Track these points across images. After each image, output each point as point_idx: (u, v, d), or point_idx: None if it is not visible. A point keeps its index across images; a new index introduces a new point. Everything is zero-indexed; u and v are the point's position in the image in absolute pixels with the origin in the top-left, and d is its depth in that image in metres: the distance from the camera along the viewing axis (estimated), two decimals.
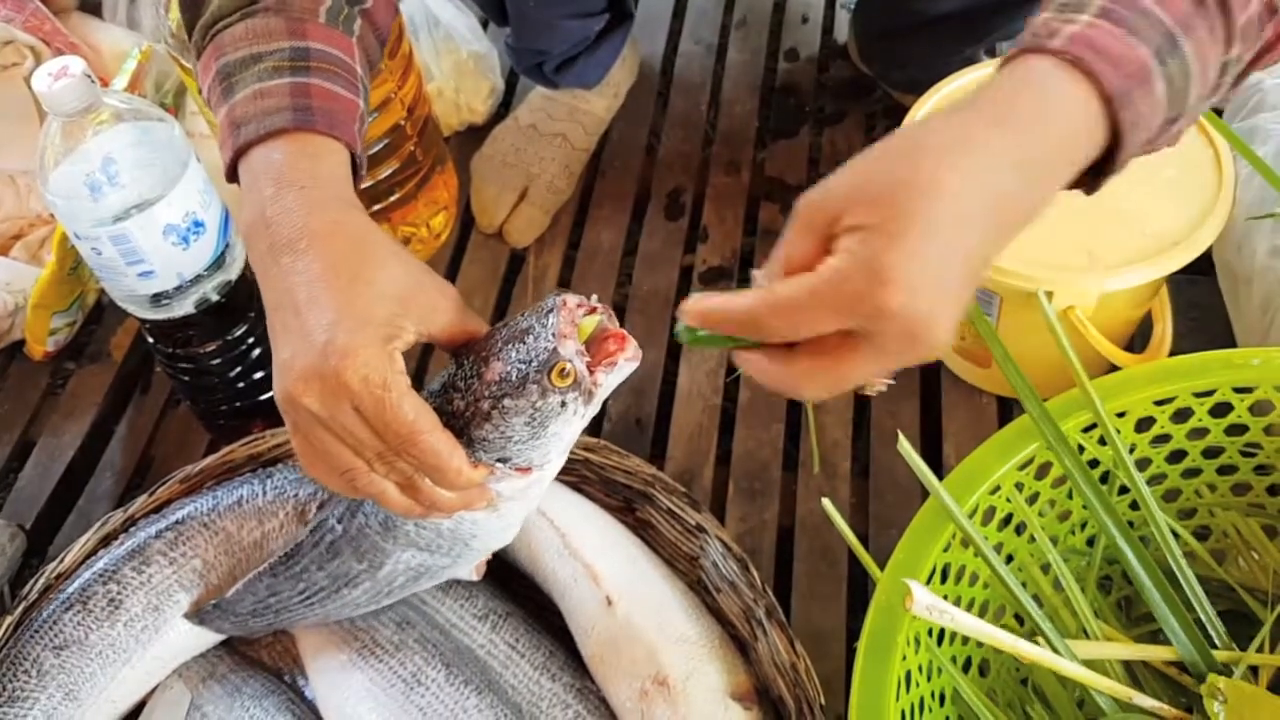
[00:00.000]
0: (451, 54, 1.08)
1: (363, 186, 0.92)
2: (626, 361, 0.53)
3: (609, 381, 0.54)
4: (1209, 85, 0.48)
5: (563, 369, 0.52)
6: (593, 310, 0.53)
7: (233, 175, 0.57)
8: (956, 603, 0.61)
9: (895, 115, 1.04)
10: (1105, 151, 0.47)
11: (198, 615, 0.69)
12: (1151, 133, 0.47)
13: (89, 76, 0.68)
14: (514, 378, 0.52)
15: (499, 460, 0.54)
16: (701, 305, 0.46)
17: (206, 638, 0.72)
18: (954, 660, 0.62)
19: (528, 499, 0.59)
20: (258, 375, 0.84)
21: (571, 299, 0.53)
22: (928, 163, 0.43)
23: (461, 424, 0.53)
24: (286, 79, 0.56)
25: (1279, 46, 0.50)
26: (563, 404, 0.53)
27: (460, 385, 0.54)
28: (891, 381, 0.47)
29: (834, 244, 0.44)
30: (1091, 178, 0.49)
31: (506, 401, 0.52)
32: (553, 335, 0.52)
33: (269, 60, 0.57)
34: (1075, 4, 0.47)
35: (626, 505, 0.76)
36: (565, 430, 0.54)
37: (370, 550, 0.63)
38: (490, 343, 0.54)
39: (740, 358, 0.47)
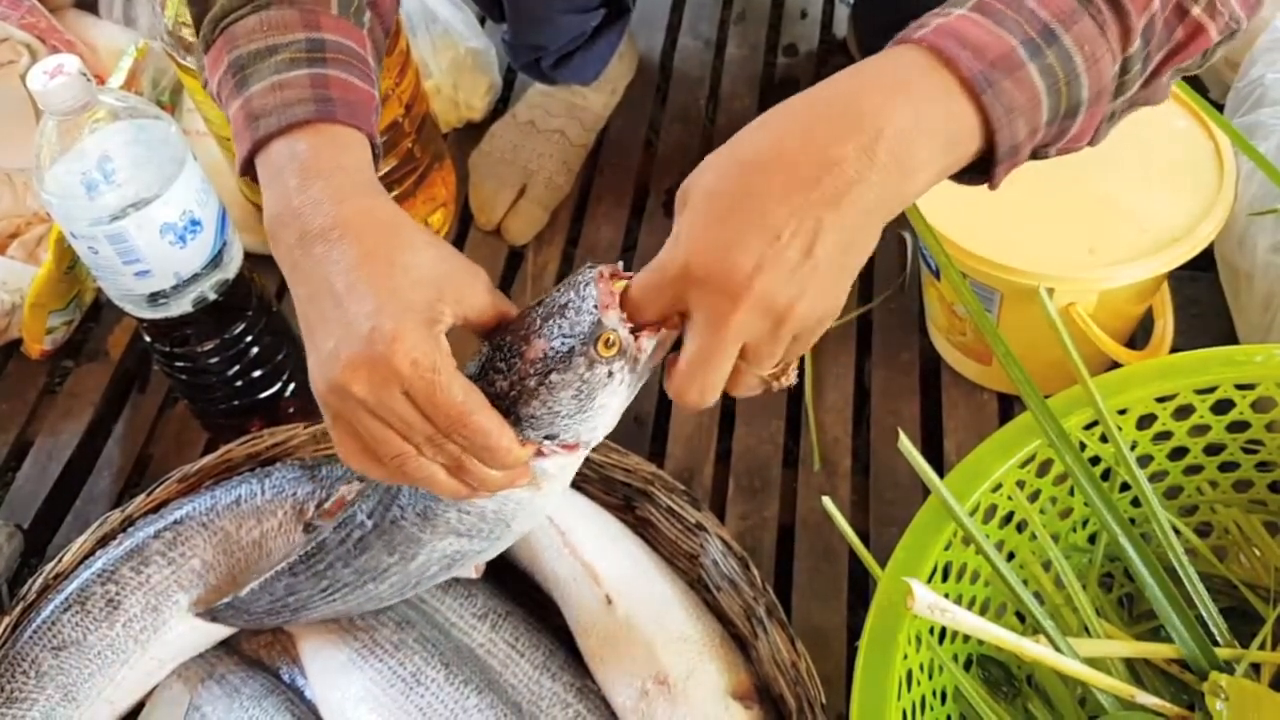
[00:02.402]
0: (449, 50, 1.07)
1: None
2: (669, 328, 0.53)
3: (652, 347, 0.53)
4: (1106, 80, 0.50)
5: (608, 339, 0.51)
6: (627, 277, 0.53)
7: (248, 168, 0.56)
8: (958, 601, 0.61)
9: None
10: (988, 143, 0.49)
11: (210, 613, 0.69)
12: (1038, 124, 0.49)
13: (84, 75, 0.68)
14: (560, 352, 0.52)
15: (546, 437, 0.54)
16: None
17: (205, 638, 0.72)
18: (955, 658, 0.62)
19: (566, 476, 0.59)
20: (256, 374, 0.84)
21: (607, 269, 0.53)
22: (764, 136, 0.48)
23: (507, 404, 0.54)
24: (305, 70, 0.56)
25: (1190, 46, 0.52)
26: (610, 374, 0.53)
27: (501, 366, 0.54)
28: (797, 376, 0.51)
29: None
30: (987, 171, 0.50)
31: (554, 376, 0.52)
32: (594, 306, 0.51)
33: (285, 52, 0.56)
34: (958, 0, 0.50)
35: (626, 503, 0.75)
36: (613, 401, 0.54)
37: (404, 542, 0.62)
38: (527, 321, 0.54)
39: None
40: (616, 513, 0.75)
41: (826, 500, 0.59)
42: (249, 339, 0.82)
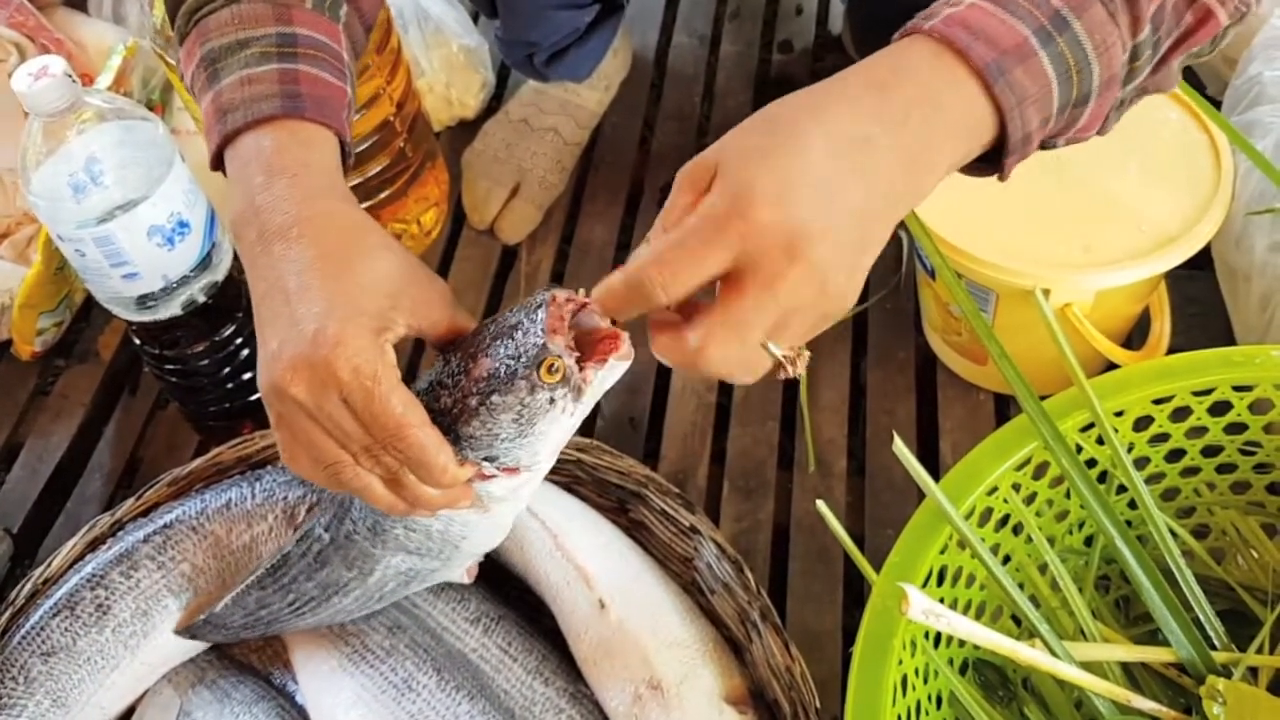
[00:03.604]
0: (441, 48, 1.07)
1: (352, 184, 0.91)
2: (618, 360, 0.52)
3: (599, 379, 0.52)
4: (1116, 67, 0.49)
5: (551, 365, 0.50)
6: (583, 305, 0.52)
7: (218, 163, 0.56)
8: (953, 605, 0.61)
9: None
10: (1000, 132, 0.48)
11: (189, 630, 0.68)
12: (1049, 112, 0.48)
13: (70, 76, 0.67)
14: (502, 374, 0.51)
15: (486, 459, 0.53)
16: (600, 295, 0.48)
17: (196, 643, 0.71)
18: (951, 663, 0.61)
19: (518, 500, 0.58)
20: (246, 376, 0.83)
21: (561, 294, 0.51)
22: (791, 113, 0.46)
23: (449, 421, 0.52)
24: (274, 65, 0.55)
25: (1200, 31, 0.51)
26: (551, 400, 0.51)
27: (448, 382, 0.53)
28: (809, 353, 0.47)
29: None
30: (999, 161, 0.50)
31: (494, 398, 0.51)
32: (542, 330, 0.50)
33: (256, 46, 0.56)
34: None
35: (620, 506, 0.75)
36: (553, 429, 0.53)
37: (359, 557, 0.62)
38: (478, 339, 0.53)
39: (653, 343, 0.47)
40: (610, 515, 0.74)
41: (821, 505, 0.58)
42: (239, 341, 0.81)
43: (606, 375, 0.53)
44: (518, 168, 1.02)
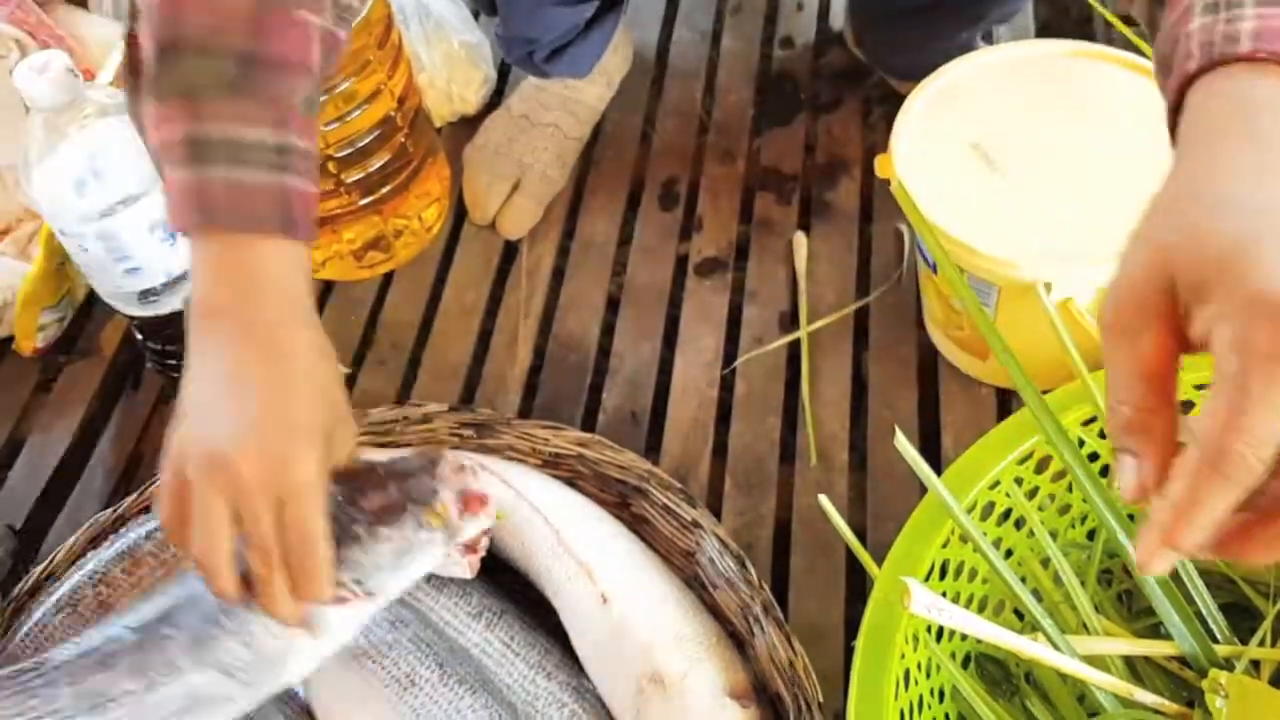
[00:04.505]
0: (442, 44, 1.07)
1: (353, 179, 0.91)
2: (488, 517, 0.61)
3: (471, 530, 0.61)
4: None
5: (440, 510, 0.59)
6: (463, 468, 0.60)
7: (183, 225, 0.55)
8: (955, 599, 0.61)
9: (891, 102, 1.03)
10: None
11: None
12: None
13: (72, 71, 0.67)
14: (394, 508, 0.58)
15: (355, 580, 0.58)
16: (1152, 538, 0.40)
17: None
18: (953, 656, 0.62)
19: (345, 632, 0.60)
20: None
21: (454, 458, 0.61)
22: (1197, 189, 0.42)
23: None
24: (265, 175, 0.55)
25: None
26: (430, 542, 0.59)
27: (338, 511, 0.58)
28: None
29: (1189, 319, 0.40)
30: None
31: (382, 529, 0.58)
32: (438, 480, 0.59)
33: (254, 152, 0.55)
34: (1223, 3, 0.44)
35: (621, 501, 0.75)
36: (423, 566, 0.60)
37: (159, 666, 0.57)
38: (373, 474, 0.60)
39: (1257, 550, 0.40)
40: (612, 510, 0.74)
41: (823, 498, 0.58)
42: None
43: (475, 527, 0.61)
44: (519, 163, 1.02)
